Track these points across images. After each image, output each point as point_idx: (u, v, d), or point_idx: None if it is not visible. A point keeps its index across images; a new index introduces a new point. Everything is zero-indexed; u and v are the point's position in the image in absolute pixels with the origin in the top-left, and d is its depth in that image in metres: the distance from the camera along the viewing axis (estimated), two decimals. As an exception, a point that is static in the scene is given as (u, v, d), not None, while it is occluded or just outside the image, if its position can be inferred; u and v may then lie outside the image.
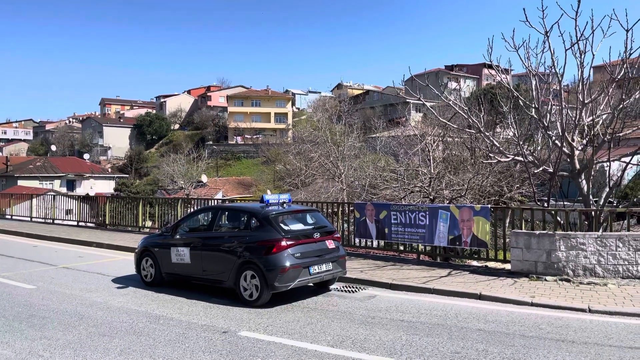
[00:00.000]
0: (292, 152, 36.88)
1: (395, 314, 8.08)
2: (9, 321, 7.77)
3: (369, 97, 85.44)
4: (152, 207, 21.15)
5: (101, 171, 68.35)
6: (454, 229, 11.37)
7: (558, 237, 9.93)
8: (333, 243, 9.47)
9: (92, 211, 22.00)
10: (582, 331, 7.05)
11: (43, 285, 10.40)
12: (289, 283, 8.56)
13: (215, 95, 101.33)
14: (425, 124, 30.56)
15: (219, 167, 73.36)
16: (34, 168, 58.95)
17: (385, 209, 12.59)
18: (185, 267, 9.76)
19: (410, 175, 19.97)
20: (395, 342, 6.66)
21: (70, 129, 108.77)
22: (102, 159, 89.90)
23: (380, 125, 41.43)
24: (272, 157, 61.16)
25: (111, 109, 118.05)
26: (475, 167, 19.04)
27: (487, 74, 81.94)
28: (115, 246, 15.54)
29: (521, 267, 10.30)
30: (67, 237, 17.46)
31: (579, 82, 11.67)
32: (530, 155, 12.95)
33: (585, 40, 11.00)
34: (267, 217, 9.03)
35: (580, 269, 9.76)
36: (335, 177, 26.49)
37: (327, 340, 6.79)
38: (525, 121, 17.59)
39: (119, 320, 7.85)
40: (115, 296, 9.44)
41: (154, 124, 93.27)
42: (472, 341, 6.67)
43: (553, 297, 8.64)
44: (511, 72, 17.22)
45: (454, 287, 9.51)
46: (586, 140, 12.37)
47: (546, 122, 12.38)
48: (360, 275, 10.59)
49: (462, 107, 13.41)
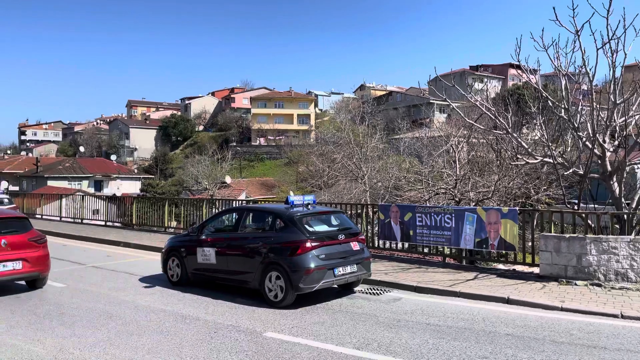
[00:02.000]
0: (314, 153, 36.88)
1: (421, 317, 8.00)
2: (40, 318, 7.95)
3: (392, 98, 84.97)
4: (177, 207, 21.41)
5: (127, 172, 69.61)
6: (481, 232, 11.21)
7: (589, 241, 9.69)
8: (358, 245, 9.43)
9: (119, 211, 22.41)
10: (614, 337, 6.87)
11: (73, 283, 10.61)
12: (313, 284, 8.55)
13: (239, 96, 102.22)
14: (449, 125, 30.24)
15: (242, 168, 73.93)
16: (63, 169, 60.37)
17: (410, 211, 12.48)
18: (210, 267, 9.84)
19: (435, 177, 19.75)
20: (422, 346, 6.59)
21: (98, 131, 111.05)
22: (129, 160, 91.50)
23: (404, 126, 41.22)
24: (295, 158, 61.39)
25: (137, 111, 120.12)
26: (501, 168, 18.74)
27: (513, 74, 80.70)
28: (142, 246, 15.77)
29: (550, 271, 10.09)
30: (95, 236, 17.80)
31: (610, 82, 11.39)
32: (560, 156, 12.68)
33: (617, 40, 10.74)
34: (292, 218, 9.04)
35: (612, 274, 9.51)
36: (358, 178, 26.37)
37: (352, 343, 6.75)
38: (553, 122, 17.24)
39: (147, 319, 7.95)
40: (143, 295, 9.58)
41: (179, 125, 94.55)
42: (501, 346, 6.56)
43: (584, 302, 8.44)
44: (539, 72, 16.87)
45: (481, 290, 9.36)
46: (618, 142, 12.06)
47: (576, 122, 12.12)
48: (385, 278, 10.52)
49: (489, 107, 13.21)
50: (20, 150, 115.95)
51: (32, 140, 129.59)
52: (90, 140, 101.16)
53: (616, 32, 10.66)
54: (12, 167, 68.80)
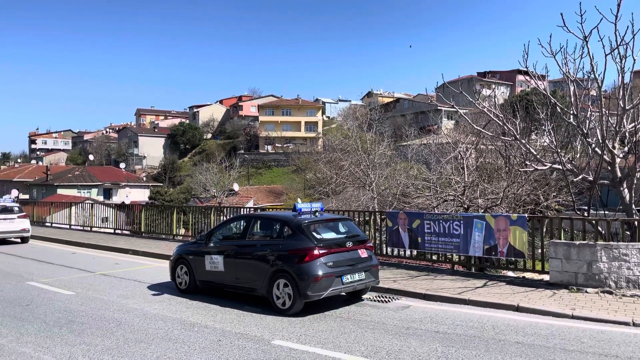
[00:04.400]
0: (322, 160, 36.86)
1: (429, 325, 7.94)
2: (50, 326, 7.98)
3: (399, 105, 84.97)
4: (186, 215, 21.50)
5: (136, 180, 70.06)
6: (490, 239, 11.14)
7: (599, 248, 9.60)
8: (366, 252, 9.40)
9: (128, 219, 22.53)
10: (625, 345, 6.78)
11: (82, 291, 10.66)
12: (321, 292, 8.52)
13: (247, 104, 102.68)
14: (457, 131, 30.16)
15: (250, 175, 74.12)
16: (73, 177, 60.88)
17: (419, 218, 12.43)
18: (218, 275, 9.85)
19: (443, 183, 19.68)
20: (431, 354, 6.54)
21: (107, 139, 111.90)
22: (138, 168, 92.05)
23: (412, 133, 41.05)
24: (303, 166, 61.48)
25: (146, 119, 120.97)
26: (510, 175, 18.63)
27: (521, 80, 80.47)
28: (150, 254, 15.82)
29: (560, 279, 10.00)
30: (104, 244, 17.89)
31: (619, 88, 11.32)
32: (569, 163, 12.60)
33: (625, 45, 10.68)
34: (299, 225, 9.03)
35: (623, 281, 9.41)
36: (365, 185, 26.31)
37: (361, 351, 6.71)
38: (562, 128, 17.16)
39: (155, 327, 7.96)
40: (151, 303, 9.60)
41: (187, 133, 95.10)
42: (511, 354, 6.49)
43: (595, 310, 8.34)
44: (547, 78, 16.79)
45: (490, 298, 9.29)
46: (628, 148, 11.97)
47: (585, 128, 12.04)
48: (393, 285, 10.47)
49: (497, 114, 13.17)
50: (30, 159, 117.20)
51: (42, 149, 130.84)
52: (100, 148, 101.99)
53: (625, 37, 10.62)
54: (22, 175, 69.47)
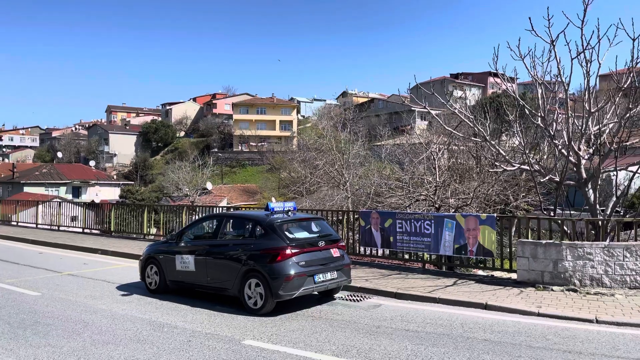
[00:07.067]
0: (297, 159, 36.91)
1: (400, 324, 8.02)
2: (14, 328, 7.77)
3: (374, 105, 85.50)
4: (157, 214, 21.22)
5: (107, 178, 68.73)
6: (460, 238, 11.31)
7: (565, 247, 9.85)
8: (338, 251, 9.43)
9: (97, 218, 22.05)
10: (589, 342, 6.98)
11: (48, 292, 10.40)
12: (293, 291, 8.52)
13: (221, 102, 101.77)
14: (430, 132, 30.53)
15: (224, 174, 73.54)
16: (40, 175, 59.33)
17: (391, 217, 12.54)
18: (189, 274, 9.74)
19: (416, 183, 19.91)
20: (401, 352, 6.61)
21: (77, 136, 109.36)
22: (108, 166, 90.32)
23: (386, 134, 41.42)
24: (277, 165, 61.31)
25: (117, 117, 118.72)
26: (480, 175, 18.98)
27: (493, 82, 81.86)
28: (120, 253, 15.55)
29: (527, 277, 10.23)
30: (72, 244, 17.49)
31: (585, 91, 11.64)
32: (537, 164, 12.89)
33: (591, 49, 10.99)
34: (272, 225, 9.01)
35: (587, 279, 9.68)
36: (340, 185, 26.45)
37: (332, 350, 6.74)
38: (531, 130, 17.54)
39: (123, 328, 7.83)
40: (120, 304, 9.43)
41: (160, 131, 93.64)
42: (479, 351, 6.61)
43: (560, 308, 8.56)
44: (517, 81, 17.18)
45: (459, 296, 9.44)
46: (593, 149, 12.31)
47: (552, 130, 12.34)
48: (365, 284, 10.54)
49: (468, 116, 13.39)
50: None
51: (8, 145, 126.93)
52: (69, 145, 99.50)
53: (590, 42, 10.93)
54: (-13, 173, 67.32)
